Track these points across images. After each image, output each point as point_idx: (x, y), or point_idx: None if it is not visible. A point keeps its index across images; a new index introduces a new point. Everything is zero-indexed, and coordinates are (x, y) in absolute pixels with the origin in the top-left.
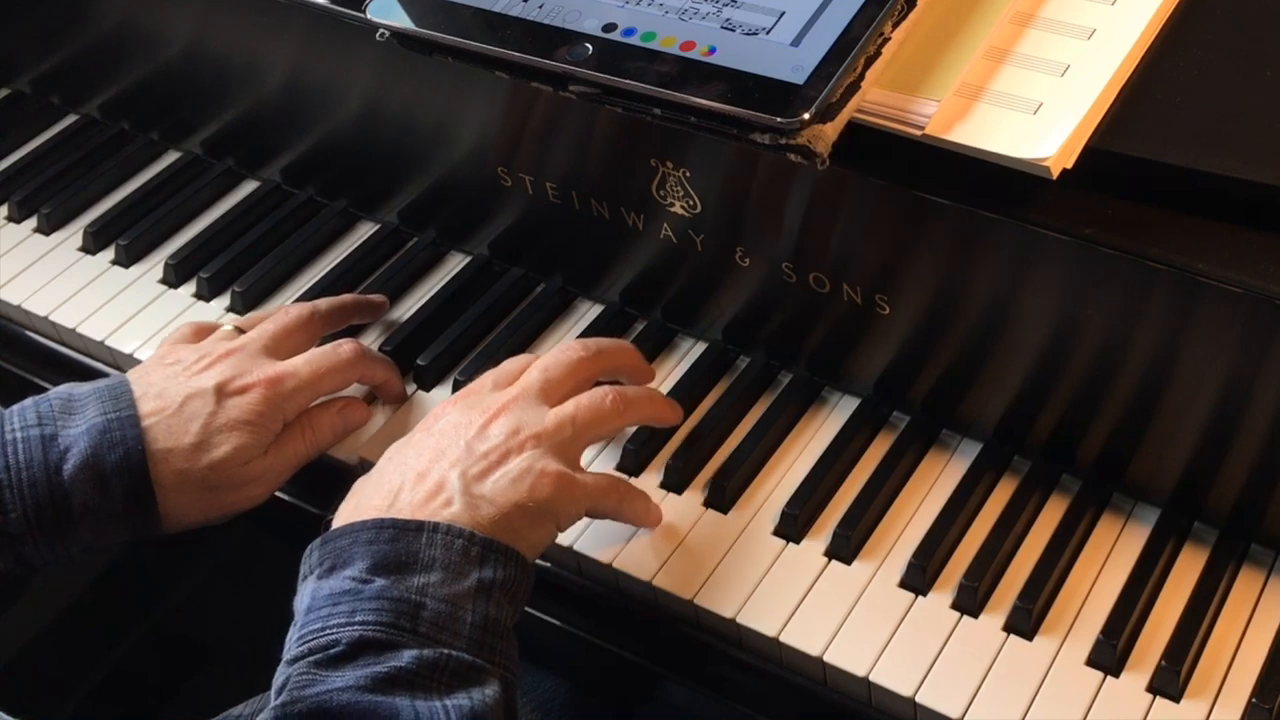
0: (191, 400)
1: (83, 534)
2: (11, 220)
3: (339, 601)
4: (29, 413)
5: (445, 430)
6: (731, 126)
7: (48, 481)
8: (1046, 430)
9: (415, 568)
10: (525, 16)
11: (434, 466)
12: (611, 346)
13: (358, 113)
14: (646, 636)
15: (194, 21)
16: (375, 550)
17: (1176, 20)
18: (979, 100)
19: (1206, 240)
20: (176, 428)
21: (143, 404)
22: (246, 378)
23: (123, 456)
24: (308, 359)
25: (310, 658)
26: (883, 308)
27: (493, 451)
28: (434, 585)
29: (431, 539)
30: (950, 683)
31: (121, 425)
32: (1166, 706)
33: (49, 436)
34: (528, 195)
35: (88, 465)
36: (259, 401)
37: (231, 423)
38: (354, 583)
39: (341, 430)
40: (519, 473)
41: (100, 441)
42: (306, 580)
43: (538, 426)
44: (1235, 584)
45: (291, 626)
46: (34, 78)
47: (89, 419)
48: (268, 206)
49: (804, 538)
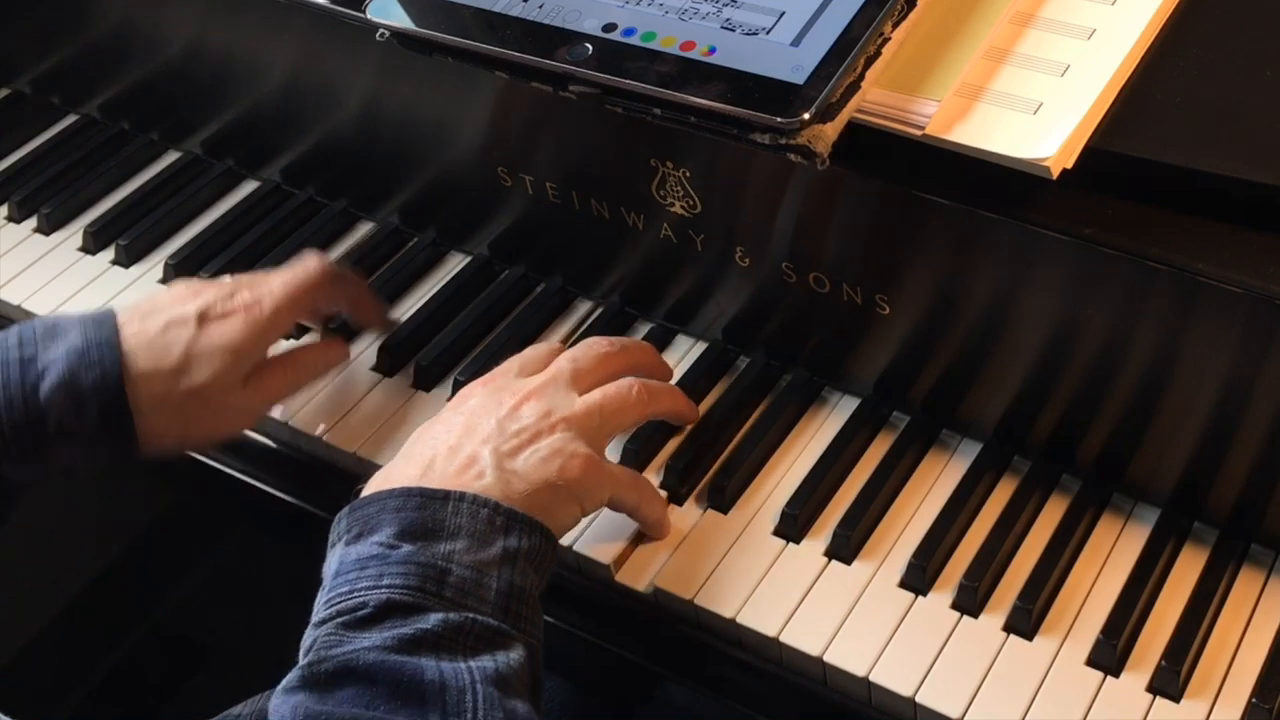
0: (173, 325)
1: (59, 453)
2: (11, 220)
3: (366, 566)
4: (11, 336)
5: (475, 410)
6: (731, 126)
7: (23, 400)
8: (1046, 430)
9: (441, 535)
10: (525, 16)
11: (466, 441)
12: (633, 344)
13: (358, 113)
14: (646, 636)
15: (194, 21)
16: (403, 517)
17: (1176, 20)
18: (979, 100)
19: (1206, 240)
20: (158, 350)
21: (125, 328)
22: (228, 304)
23: (99, 378)
24: (282, 279)
25: (338, 619)
26: (883, 308)
27: (524, 431)
28: (459, 552)
29: (458, 508)
30: (950, 683)
31: (100, 348)
32: (1166, 706)
33: (28, 359)
34: (528, 195)
35: (63, 385)
36: (239, 326)
37: (211, 348)
38: (381, 548)
39: (322, 365)
40: (550, 452)
41: (78, 363)
42: (335, 547)
43: (568, 410)
44: (1235, 584)
45: (319, 591)
46: (34, 78)
47: (69, 342)
48: (268, 206)
49: (804, 538)
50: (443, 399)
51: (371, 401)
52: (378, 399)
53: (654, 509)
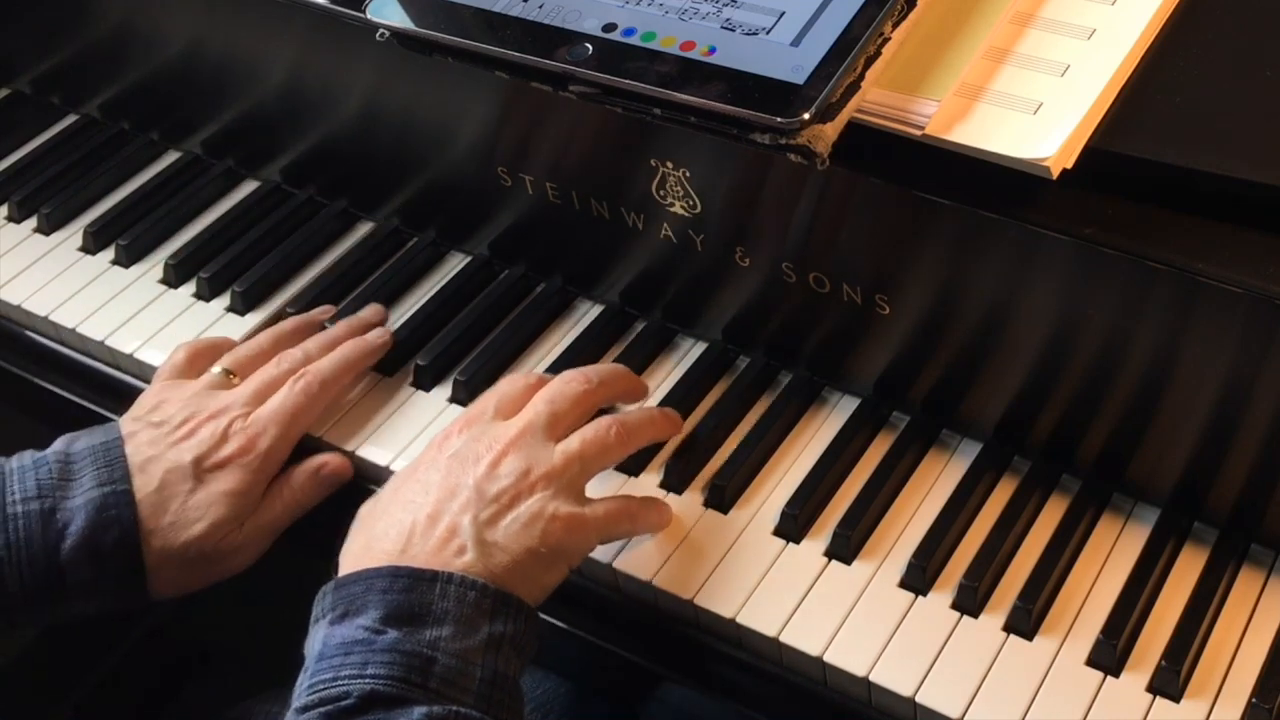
0: (170, 478)
1: (73, 605)
2: (11, 220)
3: (351, 651)
4: (29, 481)
5: (453, 467)
6: (731, 126)
7: (45, 559)
8: (1046, 430)
9: (428, 620)
10: (525, 16)
11: (445, 509)
12: (609, 375)
13: (358, 113)
14: (646, 636)
15: (194, 21)
16: (389, 599)
17: (1176, 20)
18: (979, 100)
19: (1206, 240)
20: (158, 505)
21: (133, 478)
22: (222, 451)
23: (118, 537)
24: (273, 412)
25: (321, 708)
26: (883, 308)
27: (503, 494)
28: (445, 639)
29: (445, 590)
30: (950, 683)
31: (118, 502)
32: (1166, 706)
33: (49, 510)
34: (528, 195)
35: (85, 545)
36: (235, 475)
37: (210, 497)
38: (367, 632)
39: (325, 491)
40: (530, 517)
41: (98, 521)
42: (318, 624)
43: (546, 465)
44: (1235, 584)
45: (302, 673)
46: (34, 78)
47: (85, 491)
48: (268, 206)
49: (804, 538)
50: (443, 399)
51: (371, 401)
52: (377, 399)
53: (648, 520)
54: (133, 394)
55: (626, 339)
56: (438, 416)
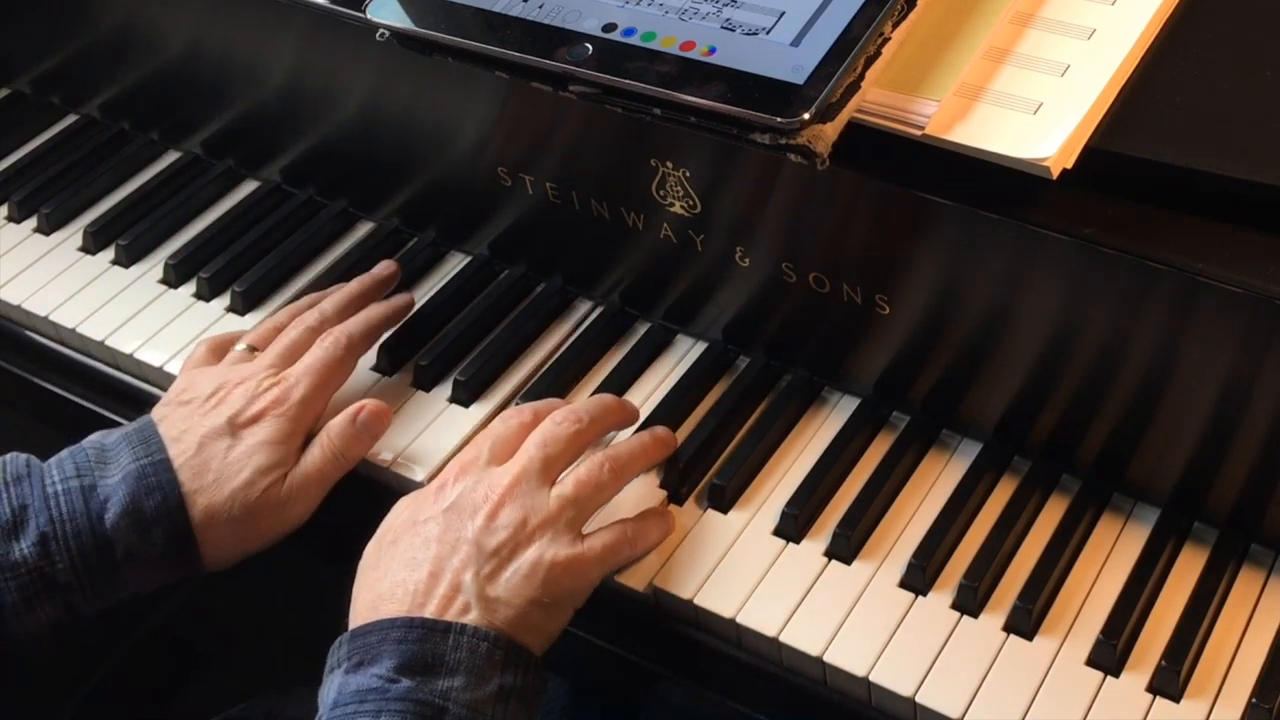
0: (207, 439)
1: (128, 579)
2: (11, 220)
3: (365, 699)
4: (66, 465)
5: (451, 521)
6: (731, 126)
7: (91, 531)
8: (1046, 430)
9: (441, 670)
10: (525, 16)
11: (446, 566)
12: (599, 410)
13: (358, 113)
14: (646, 636)
15: (194, 22)
16: (403, 649)
17: (1176, 20)
18: (979, 100)
19: (1206, 240)
20: (198, 468)
21: (170, 448)
22: (255, 405)
23: (161, 502)
24: (306, 367)
25: None
26: (883, 308)
27: (503, 547)
28: (457, 690)
29: (458, 641)
30: (950, 683)
31: (156, 470)
32: (1166, 706)
33: (89, 487)
34: (528, 195)
35: (128, 513)
36: (271, 425)
37: (247, 452)
38: (381, 680)
39: (367, 438)
40: (530, 568)
41: (138, 488)
42: (334, 673)
43: (543, 513)
44: (1235, 584)
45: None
46: (34, 78)
47: (124, 467)
48: (268, 206)
49: (804, 538)
50: (443, 399)
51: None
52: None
53: (648, 541)
54: (133, 394)
55: (626, 339)
56: (438, 416)
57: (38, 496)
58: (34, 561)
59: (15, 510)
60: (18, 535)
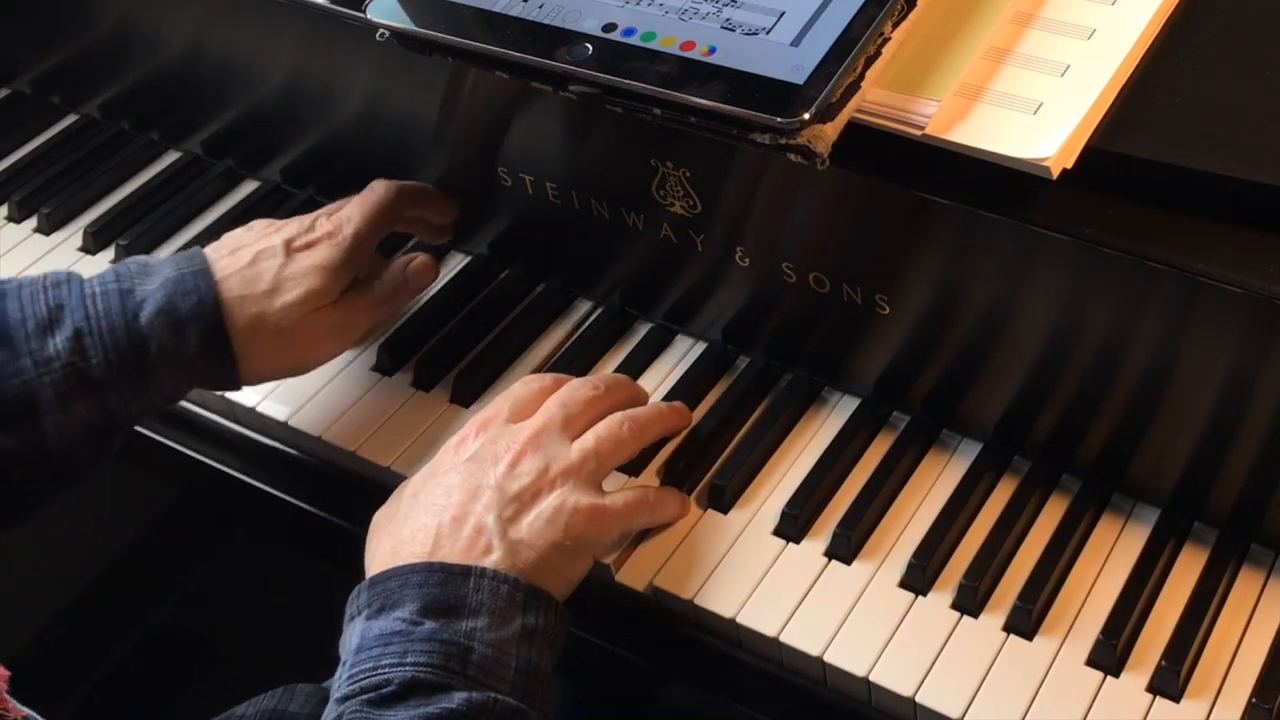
0: (262, 255)
1: (162, 380)
2: (11, 220)
3: (390, 642)
4: (108, 274)
5: (472, 469)
6: (731, 126)
7: (126, 328)
8: (1047, 430)
9: (463, 612)
10: (525, 16)
11: (469, 509)
12: (614, 383)
13: (358, 113)
14: (646, 636)
15: (194, 21)
16: (425, 593)
17: (1176, 20)
18: (979, 100)
19: (1206, 240)
20: (250, 278)
21: (216, 262)
22: (312, 234)
23: (197, 304)
24: (358, 204)
25: (363, 696)
26: (883, 308)
27: (525, 492)
28: (481, 630)
29: (479, 584)
30: (950, 683)
31: (195, 277)
32: (1166, 706)
33: (126, 291)
34: (528, 195)
35: (163, 311)
36: (325, 249)
37: (302, 270)
38: (405, 624)
39: (410, 285)
40: (552, 512)
41: (174, 291)
42: (354, 620)
43: (565, 462)
44: (1235, 584)
45: (340, 666)
46: (34, 78)
47: (164, 275)
48: (268, 207)
49: (804, 538)
50: (443, 399)
51: (371, 401)
52: (378, 398)
53: (666, 511)
54: None
55: (627, 339)
56: (438, 416)
57: (75, 296)
58: (68, 356)
59: (52, 309)
60: (53, 331)
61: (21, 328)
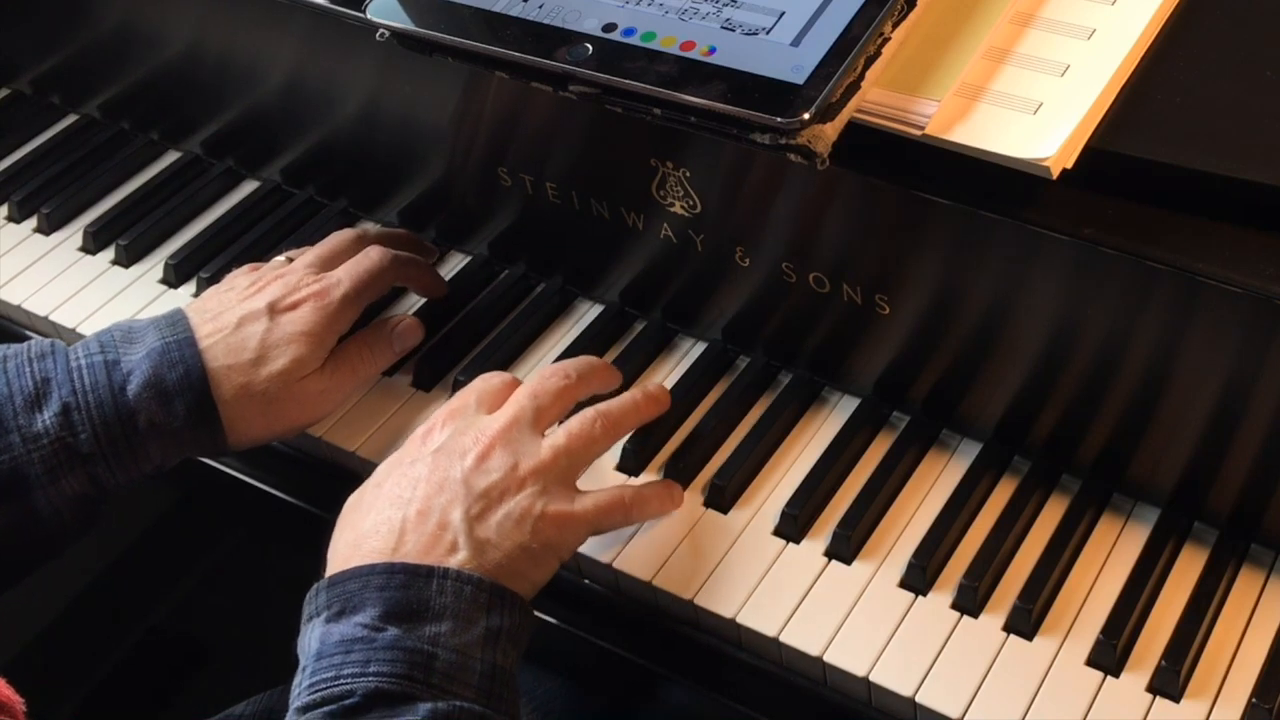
0: (246, 320)
1: (151, 451)
2: (11, 220)
3: (351, 649)
4: (91, 344)
5: (439, 461)
6: (731, 126)
7: (113, 402)
8: (1046, 430)
9: (426, 616)
10: (525, 16)
11: (434, 503)
12: (587, 369)
13: (358, 113)
14: (646, 636)
15: (194, 21)
16: (387, 596)
17: (1176, 20)
18: (979, 100)
19: (1206, 240)
20: (235, 345)
21: (200, 328)
22: (296, 294)
23: (183, 375)
24: (347, 268)
25: (325, 707)
26: (883, 308)
27: (493, 489)
28: (445, 635)
29: (442, 585)
30: (950, 683)
31: (180, 346)
32: (1166, 706)
33: (112, 362)
34: (528, 195)
35: (150, 385)
36: (310, 314)
37: (287, 336)
38: (366, 630)
39: (398, 346)
40: (520, 513)
41: (160, 362)
42: (313, 622)
43: (534, 460)
44: (1235, 584)
45: (299, 672)
46: (34, 78)
47: (149, 344)
48: (268, 206)
49: (804, 538)
50: (443, 399)
51: (371, 401)
52: (377, 398)
53: (646, 511)
54: None
55: (626, 339)
56: None
57: (61, 370)
58: (56, 432)
59: (38, 383)
60: (40, 407)
61: (9, 403)
